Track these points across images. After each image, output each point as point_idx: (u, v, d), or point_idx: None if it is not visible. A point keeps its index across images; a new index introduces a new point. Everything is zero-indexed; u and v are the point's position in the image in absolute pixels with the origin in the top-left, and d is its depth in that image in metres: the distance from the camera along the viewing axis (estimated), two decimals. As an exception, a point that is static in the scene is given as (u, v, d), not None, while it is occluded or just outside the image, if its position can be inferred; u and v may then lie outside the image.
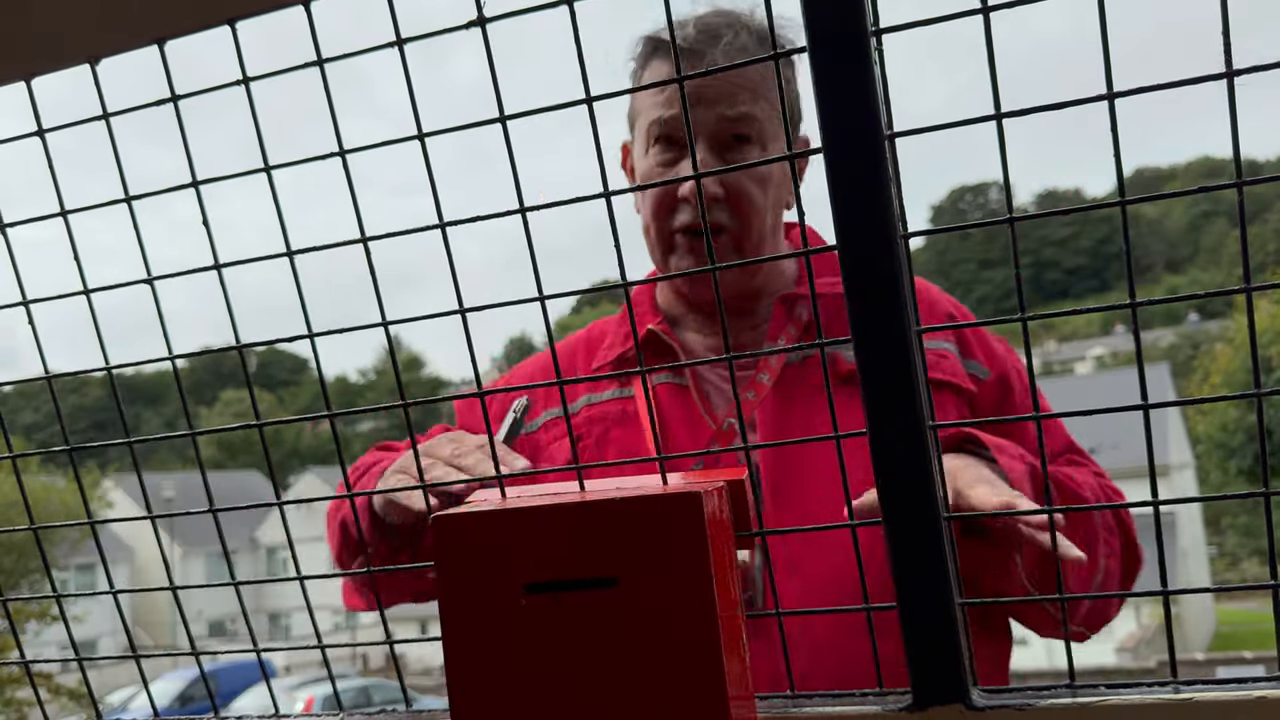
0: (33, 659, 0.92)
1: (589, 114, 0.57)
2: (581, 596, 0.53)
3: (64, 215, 0.70)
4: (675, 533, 0.52)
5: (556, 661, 0.54)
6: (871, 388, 0.54)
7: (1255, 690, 0.52)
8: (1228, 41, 0.47)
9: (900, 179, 0.52)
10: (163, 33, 0.62)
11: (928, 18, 0.49)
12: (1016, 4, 0.50)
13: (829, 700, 0.60)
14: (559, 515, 0.54)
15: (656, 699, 0.52)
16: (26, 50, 0.65)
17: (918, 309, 0.54)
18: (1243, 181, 0.49)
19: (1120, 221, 0.53)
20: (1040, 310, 0.56)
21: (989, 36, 0.50)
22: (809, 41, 0.51)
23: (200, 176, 0.65)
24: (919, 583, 0.55)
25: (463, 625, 0.55)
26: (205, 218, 0.66)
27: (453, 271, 0.63)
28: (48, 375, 0.79)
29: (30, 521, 0.92)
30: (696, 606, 0.51)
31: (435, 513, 0.91)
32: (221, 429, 0.83)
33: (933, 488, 0.54)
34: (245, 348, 0.69)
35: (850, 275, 0.53)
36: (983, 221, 0.53)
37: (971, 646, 0.56)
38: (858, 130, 0.51)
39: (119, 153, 0.67)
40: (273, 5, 0.60)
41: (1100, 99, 0.48)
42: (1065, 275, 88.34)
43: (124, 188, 0.67)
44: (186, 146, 0.65)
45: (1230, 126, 0.48)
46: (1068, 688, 0.56)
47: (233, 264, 0.65)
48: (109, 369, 0.76)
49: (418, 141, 0.61)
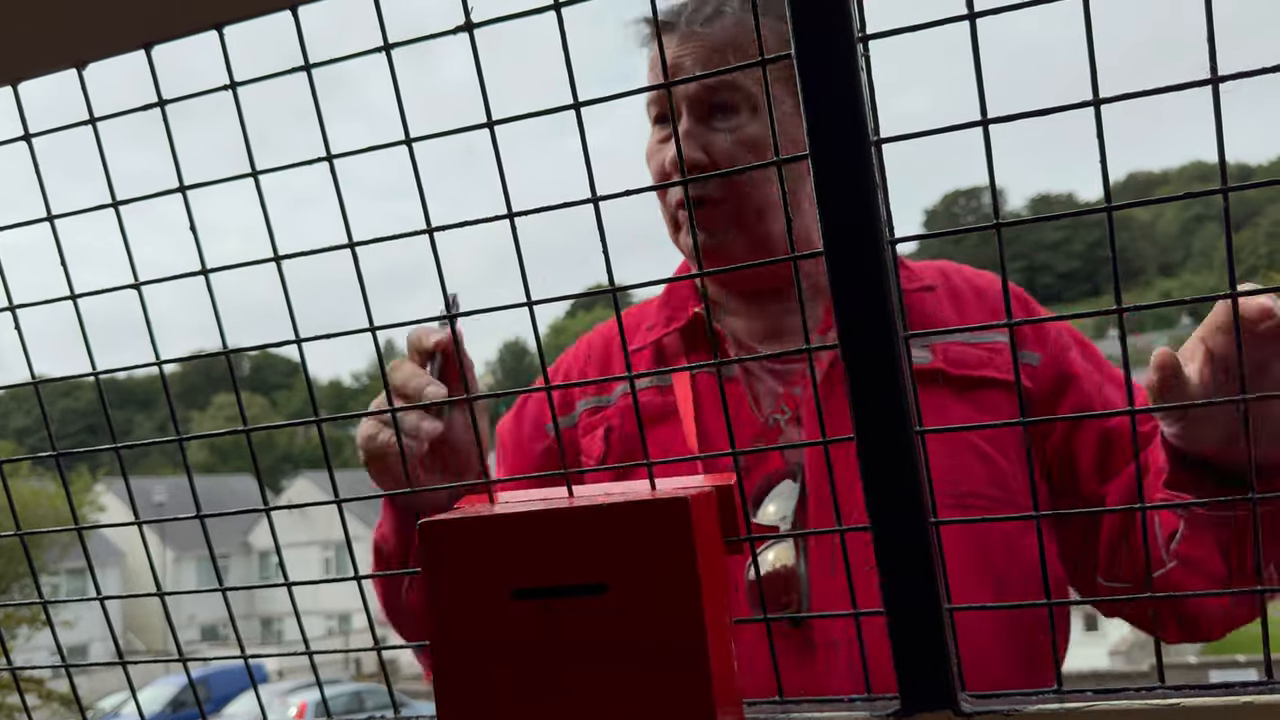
0: (20, 665, 0.91)
1: (577, 119, 0.57)
2: (569, 602, 0.53)
3: (50, 220, 0.70)
4: (662, 538, 0.52)
5: (544, 667, 0.54)
6: (858, 392, 0.54)
7: (1244, 696, 0.52)
8: (1213, 48, 0.47)
9: (887, 184, 0.52)
10: (150, 37, 0.62)
11: (914, 24, 0.50)
12: (1003, 10, 0.50)
13: (817, 706, 0.60)
14: (546, 521, 0.54)
15: (644, 705, 0.52)
16: (13, 54, 0.64)
17: (906, 314, 0.54)
18: (1229, 188, 0.49)
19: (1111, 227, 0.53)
20: (1030, 315, 0.56)
21: (975, 42, 0.50)
22: (795, 47, 0.51)
23: (187, 180, 0.65)
24: (906, 587, 0.55)
25: (450, 631, 0.55)
26: (192, 222, 0.65)
27: (440, 278, 0.63)
28: (35, 380, 0.78)
29: (16, 526, 0.92)
30: (684, 613, 0.51)
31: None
32: (210, 434, 0.83)
33: (920, 491, 0.54)
34: (234, 353, 0.69)
35: (837, 280, 0.53)
36: (971, 227, 0.53)
37: (959, 651, 0.56)
38: (844, 136, 0.51)
39: (106, 157, 0.67)
40: (260, 10, 0.60)
41: (1087, 105, 0.49)
42: (1058, 279, 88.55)
43: (111, 192, 0.67)
44: (174, 151, 0.65)
45: (1216, 132, 0.48)
46: (1055, 693, 0.56)
47: (220, 269, 0.65)
48: (96, 374, 0.75)
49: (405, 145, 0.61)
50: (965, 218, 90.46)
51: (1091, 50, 0.48)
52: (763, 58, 0.55)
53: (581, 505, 0.54)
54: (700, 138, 1.14)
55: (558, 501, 0.57)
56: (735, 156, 1.13)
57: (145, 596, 0.93)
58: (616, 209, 0.64)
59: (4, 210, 4.82)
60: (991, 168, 0.51)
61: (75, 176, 5.40)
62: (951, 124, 0.51)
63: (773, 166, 0.55)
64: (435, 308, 0.97)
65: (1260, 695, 0.52)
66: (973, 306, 1.22)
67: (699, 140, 1.14)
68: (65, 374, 0.83)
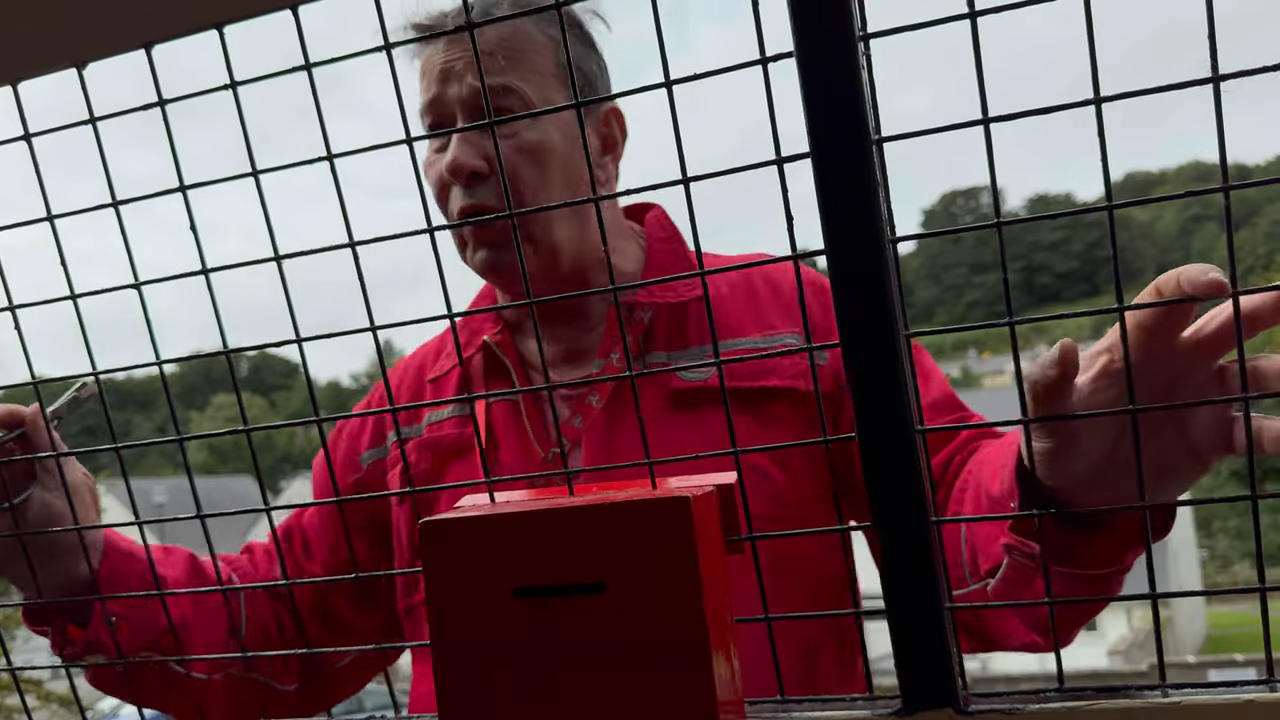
0: (20, 665, 0.91)
1: (577, 117, 0.57)
2: (570, 602, 0.53)
3: (50, 220, 0.70)
4: (663, 537, 0.52)
5: (545, 667, 0.54)
6: (860, 391, 0.54)
7: (1244, 694, 0.52)
8: (1214, 46, 0.47)
9: (888, 183, 0.52)
10: (150, 37, 0.62)
11: (915, 22, 0.49)
12: (1004, 9, 0.50)
13: (818, 704, 0.60)
14: (547, 520, 0.54)
15: (645, 705, 0.52)
16: (12, 54, 0.64)
17: (906, 312, 0.54)
18: (1229, 186, 0.49)
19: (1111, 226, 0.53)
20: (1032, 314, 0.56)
21: (976, 41, 0.50)
22: (796, 46, 0.51)
23: (187, 179, 0.65)
24: (908, 585, 0.55)
25: (451, 630, 0.55)
26: (193, 222, 0.65)
27: (441, 277, 0.63)
28: (34, 380, 0.78)
29: (15, 528, 0.92)
30: (685, 612, 0.51)
31: None
32: (209, 434, 0.83)
33: (922, 490, 0.54)
34: (233, 353, 0.69)
35: (838, 280, 0.53)
36: (970, 226, 0.53)
37: (961, 650, 0.56)
38: (845, 135, 0.51)
39: (106, 157, 0.67)
40: (260, 9, 0.60)
41: (1087, 104, 0.49)
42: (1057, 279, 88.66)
43: (111, 192, 0.67)
44: (174, 151, 0.65)
45: (1216, 131, 0.48)
46: (1057, 692, 0.56)
47: (220, 269, 0.65)
48: (96, 375, 0.75)
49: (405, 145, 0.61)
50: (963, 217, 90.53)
51: (1093, 49, 0.48)
52: (763, 55, 0.55)
53: (583, 504, 0.54)
54: (479, 145, 1.08)
55: (559, 501, 0.57)
56: (515, 164, 1.08)
57: (144, 596, 0.93)
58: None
59: (4, 210, 4.79)
60: (993, 166, 0.51)
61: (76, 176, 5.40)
62: (952, 123, 0.51)
63: (567, 173, 0.54)
64: (436, 307, 0.97)
65: (1261, 694, 0.52)
66: (769, 304, 1.16)
67: (478, 148, 1.07)
68: (65, 374, 0.83)
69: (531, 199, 1.08)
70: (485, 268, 1.12)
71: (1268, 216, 73.12)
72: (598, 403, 1.12)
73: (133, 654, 0.96)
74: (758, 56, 0.52)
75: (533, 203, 1.07)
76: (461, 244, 1.13)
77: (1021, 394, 0.62)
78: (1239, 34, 36.18)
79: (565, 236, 1.12)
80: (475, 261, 1.12)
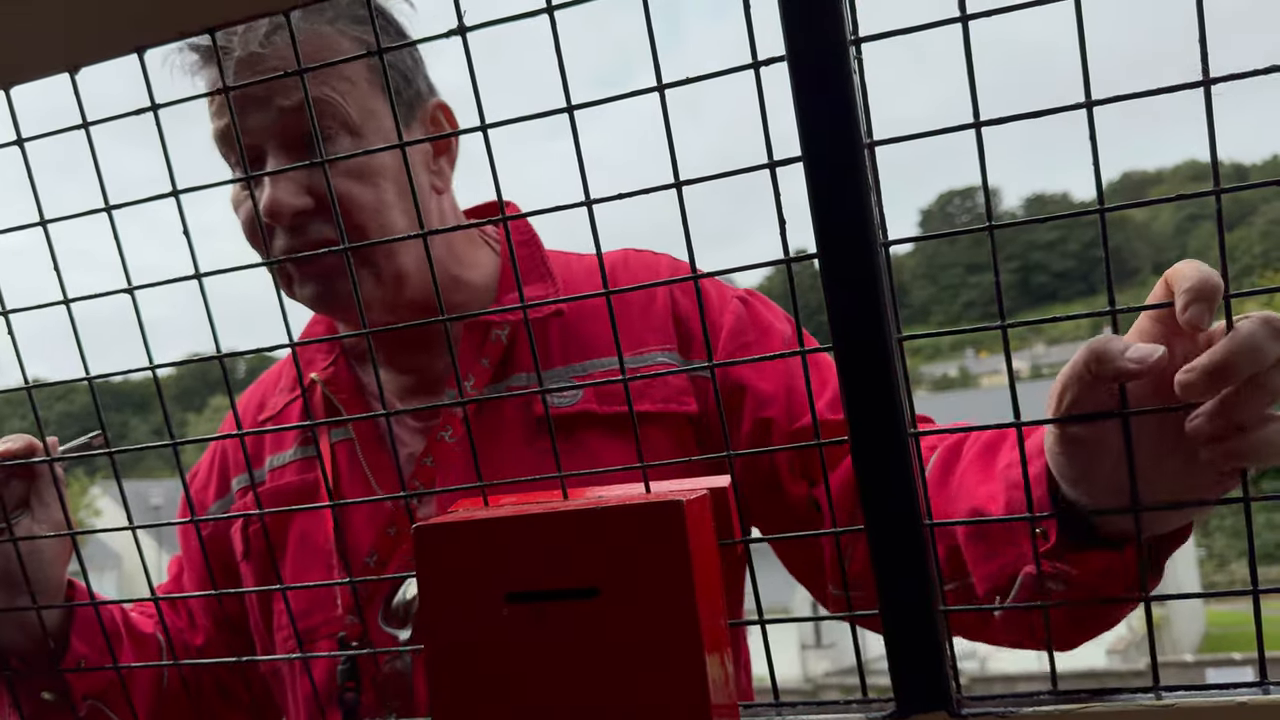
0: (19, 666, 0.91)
1: (570, 123, 0.57)
2: (563, 606, 0.53)
3: (44, 224, 0.69)
4: (657, 542, 0.52)
5: (539, 672, 0.54)
6: (853, 395, 0.54)
7: (1239, 696, 0.52)
8: (1204, 49, 0.47)
9: (880, 187, 0.52)
10: (142, 41, 0.62)
11: (906, 26, 0.50)
12: (995, 13, 0.50)
13: (813, 708, 0.60)
14: (540, 525, 0.54)
15: (639, 709, 0.52)
16: (4, 60, 0.64)
17: (898, 315, 0.54)
18: (1220, 189, 0.49)
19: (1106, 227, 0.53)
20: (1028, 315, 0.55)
21: (968, 45, 0.50)
22: (787, 50, 0.51)
23: (182, 181, 0.65)
24: (902, 588, 0.55)
25: (444, 635, 0.55)
26: (186, 227, 0.65)
27: (434, 282, 0.63)
28: (28, 385, 0.78)
29: (11, 532, 0.92)
30: (679, 616, 0.51)
31: None
32: (206, 438, 0.83)
33: (915, 493, 0.54)
34: (228, 356, 0.69)
35: (830, 284, 0.53)
36: (963, 229, 0.53)
37: (954, 651, 0.56)
38: (837, 139, 0.51)
39: (99, 161, 0.67)
40: (253, 14, 0.60)
41: (1078, 107, 0.49)
42: (1053, 279, 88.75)
43: (104, 196, 0.67)
44: (166, 154, 0.65)
45: (1208, 134, 0.48)
46: (1051, 694, 0.56)
47: (213, 273, 0.65)
48: (90, 378, 0.75)
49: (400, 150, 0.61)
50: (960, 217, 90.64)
51: (1084, 51, 0.48)
52: (755, 60, 0.55)
53: (576, 509, 0.54)
54: (299, 178, 0.95)
55: (552, 505, 0.57)
56: (346, 189, 0.95)
57: (141, 601, 0.93)
58: (616, 210, 0.65)
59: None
60: (984, 169, 0.52)
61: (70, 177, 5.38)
62: (944, 126, 0.51)
63: (400, 188, 0.52)
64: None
65: (1255, 696, 0.52)
66: (640, 317, 1.03)
67: (297, 183, 0.95)
68: (60, 378, 0.83)
69: (372, 221, 0.96)
70: (316, 301, 1.00)
71: (1264, 216, 73.25)
72: (450, 437, 1.01)
73: (80, 701, 0.94)
74: (749, 60, 0.52)
75: (373, 225, 0.96)
76: (287, 280, 1.00)
77: (1014, 397, 0.60)
78: (1248, 27, 36.10)
79: (411, 259, 1.01)
80: (304, 296, 1.00)
